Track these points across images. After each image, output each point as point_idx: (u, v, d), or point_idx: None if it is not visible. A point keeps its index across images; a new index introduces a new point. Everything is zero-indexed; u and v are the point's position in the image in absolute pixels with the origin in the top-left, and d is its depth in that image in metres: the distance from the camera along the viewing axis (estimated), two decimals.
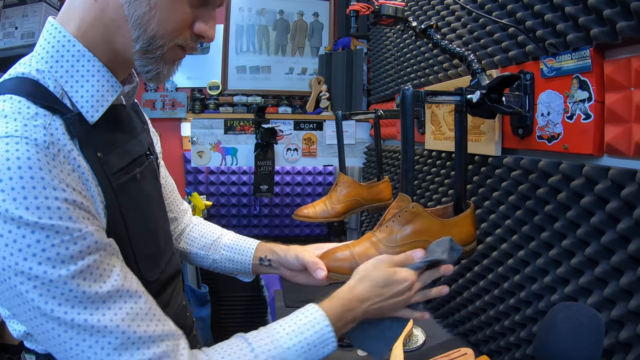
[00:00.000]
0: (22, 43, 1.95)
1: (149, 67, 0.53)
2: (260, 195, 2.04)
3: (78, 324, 0.43)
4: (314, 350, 0.56)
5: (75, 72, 0.50)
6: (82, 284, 0.43)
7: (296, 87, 2.36)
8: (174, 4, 0.50)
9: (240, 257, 0.82)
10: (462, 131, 0.81)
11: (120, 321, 0.45)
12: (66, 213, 0.43)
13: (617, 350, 0.66)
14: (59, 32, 0.50)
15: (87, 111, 0.50)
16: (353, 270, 0.69)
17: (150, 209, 0.62)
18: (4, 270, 0.41)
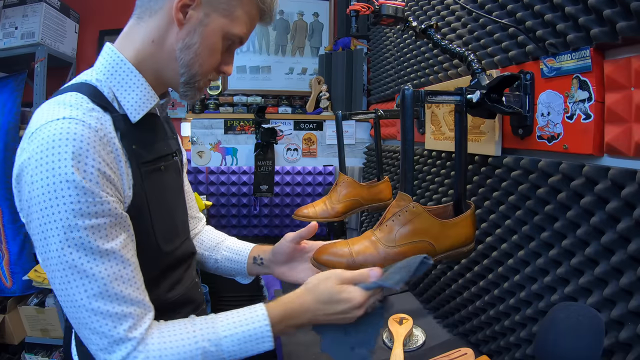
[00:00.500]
0: (22, 43, 1.95)
1: (188, 92, 0.70)
2: (260, 195, 2.04)
3: (75, 265, 0.55)
4: (249, 345, 0.63)
5: (124, 84, 0.66)
6: (90, 236, 0.56)
7: (296, 87, 2.36)
8: (211, 55, 0.68)
9: (237, 257, 0.94)
10: (462, 131, 0.81)
11: (106, 275, 0.57)
12: (97, 181, 0.56)
13: (617, 350, 0.66)
14: (115, 54, 0.67)
15: (131, 113, 0.66)
16: (349, 267, 0.70)
17: (170, 196, 0.75)
18: (49, 218, 0.54)
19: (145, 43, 0.67)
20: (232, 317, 0.64)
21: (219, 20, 0.66)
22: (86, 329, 0.57)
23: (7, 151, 1.93)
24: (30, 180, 0.55)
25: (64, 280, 0.56)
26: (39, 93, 1.95)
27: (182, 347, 0.60)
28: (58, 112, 0.57)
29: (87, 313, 0.56)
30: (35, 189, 0.55)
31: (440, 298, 1.21)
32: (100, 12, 2.34)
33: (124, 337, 0.58)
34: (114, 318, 0.57)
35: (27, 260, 1.99)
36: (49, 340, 2.10)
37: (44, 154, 0.54)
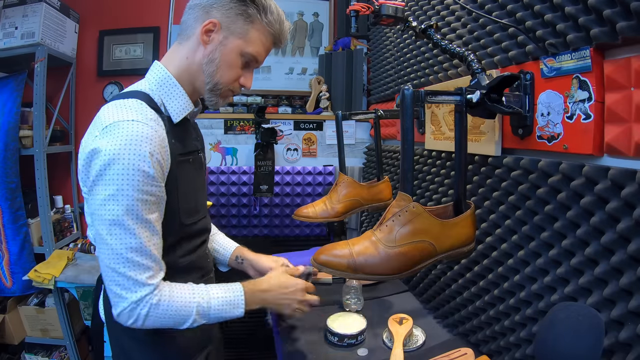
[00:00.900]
0: (22, 43, 1.95)
1: (212, 99, 0.89)
2: (260, 195, 2.04)
3: (124, 224, 0.74)
4: (228, 308, 0.88)
5: (170, 94, 0.86)
6: (141, 207, 0.76)
7: (296, 87, 2.36)
8: (230, 68, 0.86)
9: (223, 251, 1.18)
10: (462, 131, 0.81)
11: (143, 236, 0.76)
12: (154, 167, 0.76)
13: (617, 350, 0.66)
14: (163, 70, 0.86)
15: (174, 116, 0.85)
16: (350, 268, 0.70)
17: (195, 182, 0.93)
18: (114, 187, 0.73)
19: (182, 60, 0.87)
20: (220, 287, 0.90)
21: (236, 42, 0.84)
22: (117, 272, 0.76)
23: (7, 151, 1.93)
24: (108, 163, 0.73)
25: (111, 232, 0.74)
26: (39, 93, 1.95)
27: (184, 298, 0.82)
28: (128, 114, 0.76)
29: (122, 260, 0.75)
30: (115, 171, 0.73)
31: (440, 298, 1.21)
32: (100, 12, 2.34)
33: (144, 282, 0.77)
34: (140, 267, 0.77)
35: (27, 260, 1.99)
36: (48, 340, 2.09)
37: (126, 147, 0.73)
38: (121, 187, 0.73)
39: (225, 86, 0.87)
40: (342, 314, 1.15)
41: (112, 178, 0.73)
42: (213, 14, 0.83)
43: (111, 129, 0.74)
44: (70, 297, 2.04)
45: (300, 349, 1.05)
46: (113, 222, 0.74)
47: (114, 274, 0.76)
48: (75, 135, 2.35)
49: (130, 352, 0.88)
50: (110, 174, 0.73)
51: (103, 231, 0.75)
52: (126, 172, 0.73)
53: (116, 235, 0.75)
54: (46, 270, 1.88)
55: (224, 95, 0.89)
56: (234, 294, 0.89)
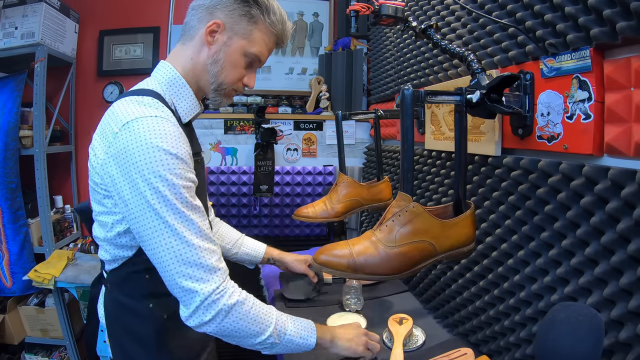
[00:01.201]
0: (22, 43, 1.95)
1: (217, 98, 0.89)
2: (260, 195, 2.04)
3: (179, 212, 0.73)
4: (302, 332, 0.85)
5: (180, 94, 0.86)
6: (185, 194, 0.74)
7: (296, 87, 2.36)
8: (234, 68, 0.86)
9: (255, 253, 1.24)
10: (462, 131, 0.81)
11: (199, 221, 0.75)
12: (187, 156, 0.76)
13: (617, 350, 0.66)
14: (171, 69, 0.86)
15: (182, 116, 0.86)
16: (350, 268, 0.70)
17: (202, 183, 0.91)
18: (155, 180, 0.71)
19: (186, 60, 0.87)
20: (298, 320, 0.87)
21: (239, 42, 0.85)
22: (185, 263, 0.73)
23: (7, 151, 1.93)
24: (135, 156, 0.71)
25: (168, 224, 0.72)
26: (39, 93, 1.95)
27: (265, 307, 0.81)
28: (148, 110, 0.75)
29: (188, 248, 0.73)
30: (144, 160, 0.71)
31: (440, 298, 1.21)
32: (100, 12, 2.34)
33: (216, 267, 0.76)
34: (207, 251, 0.75)
35: (27, 260, 1.99)
36: (48, 341, 2.09)
37: (158, 140, 0.71)
38: (162, 177, 0.71)
39: (229, 86, 0.88)
40: (342, 314, 1.15)
41: (147, 171, 0.71)
42: (217, 14, 0.83)
43: (135, 124, 0.72)
44: (70, 297, 2.04)
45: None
46: (167, 214, 0.72)
47: (181, 266, 0.73)
48: (75, 135, 2.35)
49: (132, 355, 0.87)
50: (143, 168, 0.71)
51: (156, 227, 0.72)
52: (163, 161, 0.71)
53: (173, 226, 0.72)
54: (46, 270, 1.88)
55: (228, 94, 0.90)
56: (306, 321, 0.87)
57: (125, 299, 0.86)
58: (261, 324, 0.78)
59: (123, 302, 0.86)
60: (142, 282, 0.84)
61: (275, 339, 0.80)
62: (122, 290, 0.86)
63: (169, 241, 0.72)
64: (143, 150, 0.70)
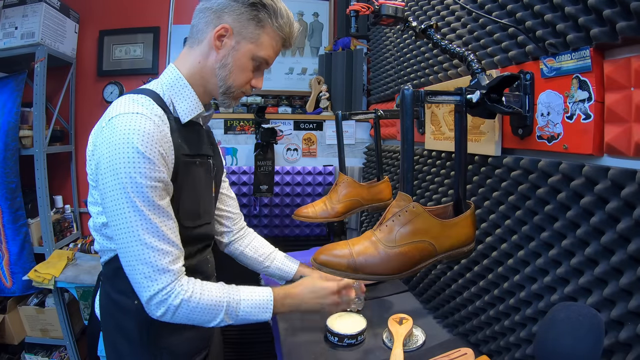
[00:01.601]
0: (22, 43, 1.95)
1: (225, 101, 0.91)
2: (260, 195, 2.04)
3: (139, 209, 0.76)
4: (256, 311, 0.89)
5: (180, 94, 0.87)
6: (149, 193, 0.76)
7: (296, 87, 2.36)
8: (242, 72, 0.88)
9: (287, 269, 1.19)
10: (462, 131, 0.81)
11: (157, 221, 0.78)
12: (157, 157, 0.77)
13: (617, 350, 0.66)
14: (176, 71, 0.88)
15: (182, 116, 0.87)
16: (350, 268, 0.70)
17: (199, 185, 0.93)
18: (122, 176, 0.74)
19: (194, 63, 0.88)
20: (250, 289, 0.91)
21: (247, 46, 0.86)
22: (137, 260, 0.77)
23: (7, 151, 1.93)
24: (112, 152, 0.75)
25: (128, 219, 0.76)
26: (39, 93, 1.95)
27: (215, 296, 0.84)
28: (134, 107, 0.78)
29: (140, 246, 0.76)
30: (116, 155, 0.74)
31: (440, 298, 1.21)
32: (100, 12, 2.34)
33: (166, 268, 0.78)
34: (160, 252, 0.78)
35: (27, 260, 1.99)
36: (48, 341, 2.09)
37: (129, 136, 0.74)
38: (128, 174, 0.74)
39: (237, 89, 0.89)
40: (342, 314, 1.15)
41: (117, 166, 0.74)
42: (225, 18, 0.84)
43: (117, 120, 0.76)
44: (70, 297, 2.04)
45: (300, 349, 1.05)
46: (126, 207, 0.75)
47: (134, 262, 0.77)
48: (75, 135, 2.35)
49: (122, 354, 0.87)
50: (115, 163, 0.74)
51: (118, 220, 0.76)
52: (131, 159, 0.74)
53: (130, 220, 0.76)
54: (46, 270, 1.88)
55: (236, 97, 0.91)
56: (263, 297, 0.90)
57: (115, 294, 0.88)
58: (210, 313, 0.84)
59: (113, 297, 0.88)
60: (127, 278, 0.84)
61: (228, 321, 0.86)
62: (113, 285, 0.88)
63: (126, 235, 0.77)
64: (117, 146, 0.74)
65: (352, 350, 1.04)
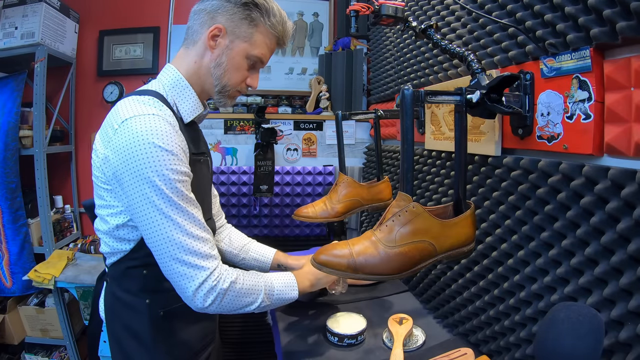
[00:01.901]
0: (22, 43, 1.95)
1: (221, 100, 0.92)
2: (260, 195, 2.04)
3: (175, 203, 0.77)
4: (287, 289, 0.95)
5: (182, 95, 0.88)
6: (180, 187, 0.78)
7: (296, 87, 2.36)
8: (237, 71, 0.89)
9: (263, 259, 1.20)
10: (462, 131, 0.81)
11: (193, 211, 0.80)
12: (180, 151, 0.79)
13: (617, 350, 0.66)
14: (175, 72, 0.89)
15: (184, 116, 0.89)
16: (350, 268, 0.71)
17: (203, 183, 0.96)
18: (151, 175, 0.75)
19: (190, 64, 0.89)
20: (273, 273, 0.96)
21: (241, 45, 0.87)
22: (182, 250, 0.77)
23: (7, 151, 1.93)
24: (131, 153, 0.74)
25: (165, 215, 0.76)
26: (39, 93, 1.95)
27: (252, 279, 0.88)
28: (146, 108, 0.78)
29: (184, 236, 0.77)
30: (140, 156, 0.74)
31: (440, 298, 1.21)
32: (100, 12, 2.34)
33: (209, 254, 0.80)
34: (202, 240, 0.80)
35: (27, 260, 1.99)
36: (48, 340, 2.10)
37: (151, 135, 0.74)
38: (156, 172, 0.75)
39: (233, 88, 0.90)
40: (342, 313, 1.15)
41: (143, 167, 0.74)
42: (218, 19, 0.86)
43: (132, 122, 0.75)
44: (70, 297, 2.04)
45: (300, 349, 1.05)
46: (164, 205, 0.76)
47: (178, 252, 0.77)
48: (75, 135, 2.35)
49: (130, 354, 0.88)
50: (139, 164, 0.74)
51: (154, 219, 0.76)
52: (156, 157, 0.75)
53: (168, 215, 0.76)
54: (46, 270, 1.88)
55: (232, 95, 0.93)
56: (287, 276, 0.96)
57: (123, 294, 0.88)
58: (253, 294, 0.86)
59: (121, 297, 0.88)
60: (139, 277, 0.86)
61: (266, 301, 0.89)
62: (121, 285, 0.88)
63: (166, 230, 0.77)
64: (139, 146, 0.74)
65: (352, 350, 1.04)
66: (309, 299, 1.30)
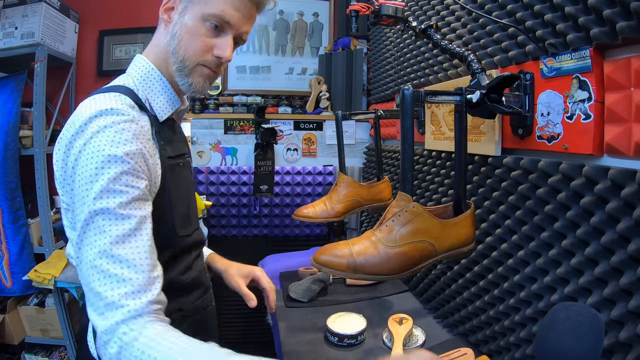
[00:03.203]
0: (22, 43, 1.95)
1: (183, 81, 0.78)
2: (260, 195, 2.04)
3: (93, 219, 0.61)
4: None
5: (155, 89, 0.78)
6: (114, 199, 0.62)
7: (296, 87, 2.36)
8: (193, 38, 0.75)
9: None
10: (462, 131, 0.81)
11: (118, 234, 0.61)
12: (134, 155, 0.66)
13: (617, 350, 0.66)
14: (146, 62, 0.78)
15: (159, 113, 0.78)
16: (350, 268, 0.70)
17: (186, 189, 0.85)
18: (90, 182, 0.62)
19: (152, 48, 0.80)
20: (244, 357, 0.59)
21: (194, 8, 0.75)
22: (88, 285, 0.59)
23: (7, 151, 1.93)
24: (79, 152, 0.64)
25: (85, 230, 0.61)
26: (39, 93, 1.95)
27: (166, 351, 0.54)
28: (106, 103, 0.67)
29: (91, 268, 0.59)
30: (85, 159, 0.63)
31: (440, 298, 1.21)
32: (100, 12, 2.34)
33: (116, 302, 0.57)
34: (112, 279, 0.58)
35: (27, 260, 1.99)
36: (48, 341, 2.09)
37: (102, 134, 0.64)
38: (92, 175, 0.62)
39: (192, 60, 0.76)
40: (342, 314, 1.15)
41: (83, 166, 0.63)
42: None
43: (87, 124, 0.65)
44: (70, 297, 2.04)
45: (300, 349, 1.05)
46: (88, 218, 0.61)
47: (85, 289, 0.61)
48: None
49: None
50: (81, 163, 0.64)
51: (79, 232, 0.63)
52: (98, 158, 0.63)
53: (88, 235, 0.61)
54: (46, 270, 1.88)
55: (197, 72, 0.78)
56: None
57: None
58: None
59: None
60: None
61: None
62: None
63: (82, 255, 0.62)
64: (83, 145, 0.64)
65: (352, 350, 1.04)
66: (309, 299, 1.30)
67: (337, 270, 0.73)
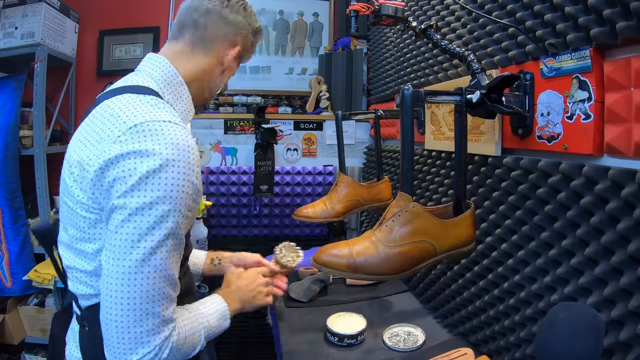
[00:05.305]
0: (22, 43, 1.95)
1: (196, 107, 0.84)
2: (260, 196, 2.04)
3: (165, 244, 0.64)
4: (221, 321, 0.82)
5: (177, 93, 0.78)
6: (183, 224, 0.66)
7: (296, 87, 2.36)
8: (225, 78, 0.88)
9: (196, 260, 1.11)
10: (462, 131, 0.82)
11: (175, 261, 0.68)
12: (198, 177, 0.68)
13: (617, 350, 0.66)
14: (169, 65, 0.77)
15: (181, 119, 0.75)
16: (350, 268, 0.70)
17: None
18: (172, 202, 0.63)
19: (198, 68, 0.81)
20: (204, 303, 0.83)
21: (243, 58, 0.91)
22: (141, 311, 0.63)
23: (7, 151, 1.93)
24: (159, 169, 0.61)
25: (150, 256, 0.62)
26: (39, 93, 1.95)
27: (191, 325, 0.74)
28: (158, 113, 0.66)
29: (157, 293, 0.64)
30: (167, 182, 0.62)
31: (440, 298, 1.21)
32: (100, 12, 2.34)
33: (170, 318, 0.67)
34: (168, 300, 0.67)
35: (27, 260, 1.99)
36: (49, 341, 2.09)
37: (178, 153, 0.63)
38: (173, 200, 0.62)
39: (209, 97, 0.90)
40: (342, 314, 1.15)
41: (161, 189, 0.61)
42: (239, 40, 0.85)
43: (148, 129, 0.62)
44: None
45: (300, 349, 1.05)
46: (156, 244, 0.62)
47: (136, 313, 0.63)
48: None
49: None
50: (159, 185, 0.61)
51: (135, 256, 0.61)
52: (178, 183, 0.62)
53: (155, 261, 0.62)
54: (46, 270, 1.88)
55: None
56: (220, 305, 0.84)
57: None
58: (193, 345, 0.74)
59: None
60: None
61: (205, 342, 0.77)
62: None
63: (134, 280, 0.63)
64: (164, 162, 0.62)
65: (352, 350, 1.04)
66: (309, 299, 1.30)
67: (337, 270, 0.73)
